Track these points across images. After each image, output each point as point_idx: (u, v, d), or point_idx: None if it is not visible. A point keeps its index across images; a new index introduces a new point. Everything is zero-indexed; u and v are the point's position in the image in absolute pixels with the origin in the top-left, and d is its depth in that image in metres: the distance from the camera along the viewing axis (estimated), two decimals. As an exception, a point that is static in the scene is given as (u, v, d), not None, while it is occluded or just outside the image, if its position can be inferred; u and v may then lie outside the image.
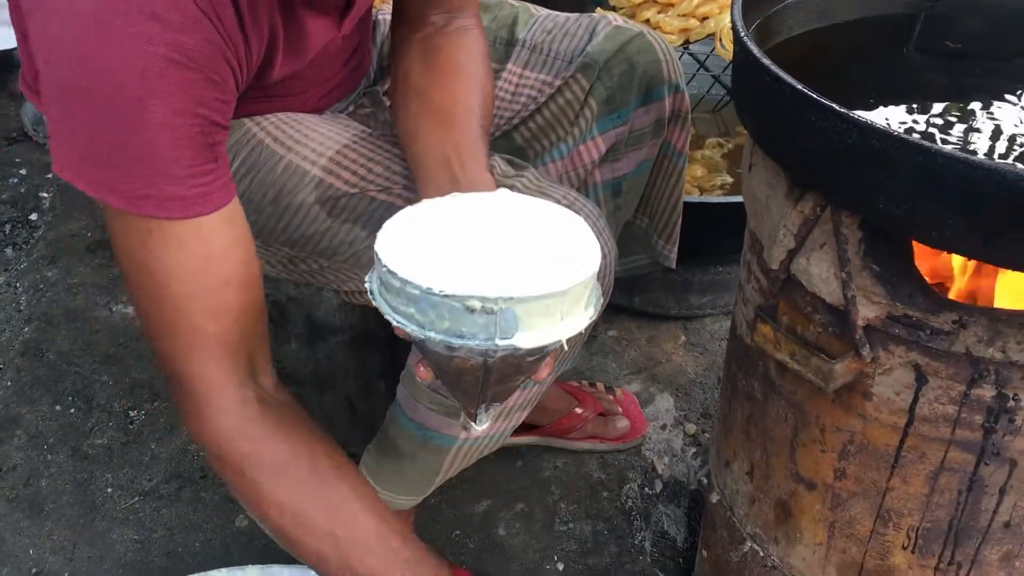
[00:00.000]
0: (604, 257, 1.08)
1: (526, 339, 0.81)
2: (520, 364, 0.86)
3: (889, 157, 0.80)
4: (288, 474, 0.96)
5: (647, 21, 1.79)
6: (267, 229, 1.12)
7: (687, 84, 2.06)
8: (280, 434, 0.97)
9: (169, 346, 0.93)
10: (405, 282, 0.80)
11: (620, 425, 1.59)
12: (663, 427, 1.65)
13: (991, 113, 1.03)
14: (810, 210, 0.95)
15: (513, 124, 1.32)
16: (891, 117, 1.01)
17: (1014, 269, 0.92)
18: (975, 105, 1.04)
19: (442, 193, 0.99)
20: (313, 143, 1.11)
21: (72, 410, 1.70)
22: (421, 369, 0.92)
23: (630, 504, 1.51)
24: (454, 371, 0.86)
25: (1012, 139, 0.98)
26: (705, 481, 1.32)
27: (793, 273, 1.00)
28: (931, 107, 1.03)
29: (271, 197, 1.10)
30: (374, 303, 0.85)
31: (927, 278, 1.00)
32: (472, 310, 0.79)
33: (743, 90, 1.00)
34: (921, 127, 1.00)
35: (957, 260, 1.01)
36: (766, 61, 0.90)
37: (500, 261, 0.83)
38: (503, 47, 1.32)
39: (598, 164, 1.34)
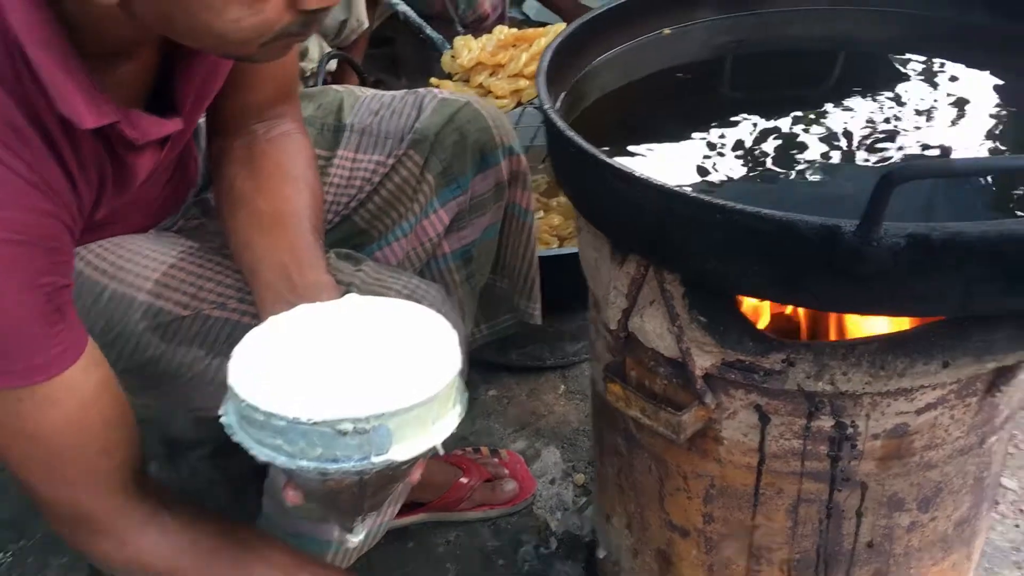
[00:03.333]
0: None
1: (402, 451, 0.80)
2: (395, 474, 0.84)
3: (691, 218, 0.83)
4: (219, 557, 1.01)
5: (480, 85, 1.82)
6: None
7: (534, 136, 2.11)
8: (197, 524, 1.00)
9: (68, 494, 0.93)
10: (269, 415, 0.78)
11: (508, 488, 1.58)
12: (552, 481, 1.65)
13: (801, 142, 1.07)
14: (635, 270, 0.97)
15: (352, 208, 1.31)
16: (710, 161, 1.04)
17: (817, 309, 0.96)
18: (790, 132, 1.08)
19: (282, 302, 0.97)
20: (137, 267, 1.08)
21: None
22: (291, 493, 0.88)
23: (527, 567, 1.50)
24: (329, 492, 0.84)
25: (830, 168, 1.03)
26: (590, 539, 1.32)
27: (631, 331, 1.02)
28: (745, 142, 1.07)
29: (99, 328, 1.06)
30: (234, 438, 0.82)
31: (787, 315, 1.03)
32: (344, 433, 0.77)
33: (556, 160, 1.02)
34: (736, 168, 1.03)
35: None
36: (570, 134, 0.92)
37: (364, 375, 0.81)
38: (331, 134, 1.31)
39: (444, 236, 1.34)
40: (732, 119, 1.11)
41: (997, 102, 1.11)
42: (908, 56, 1.23)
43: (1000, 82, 1.15)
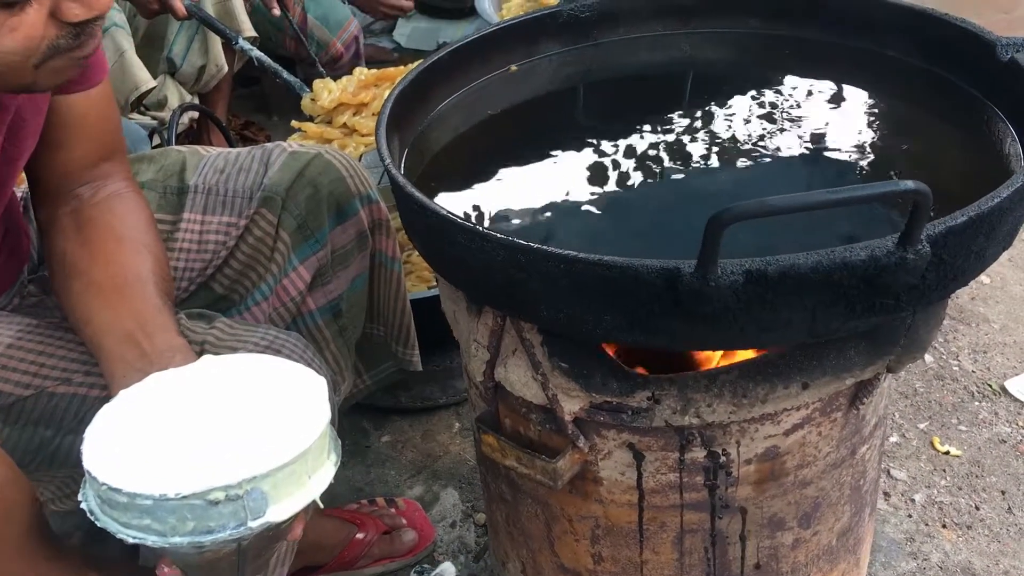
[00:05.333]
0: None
1: (279, 511, 0.77)
2: (276, 534, 0.81)
3: (537, 270, 0.81)
4: None
5: (344, 125, 1.78)
6: None
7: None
8: None
9: None
10: (132, 495, 0.74)
11: (407, 538, 1.54)
12: (452, 524, 1.62)
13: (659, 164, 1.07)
14: (493, 321, 0.95)
15: (208, 275, 1.26)
16: (569, 192, 1.03)
17: (672, 349, 0.96)
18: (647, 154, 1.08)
19: (134, 372, 0.93)
20: None
21: None
22: (166, 570, 0.83)
23: (434, 617, 1.46)
24: (206, 564, 0.80)
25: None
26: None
27: (498, 381, 1.00)
28: (603, 167, 1.06)
29: None
30: (98, 524, 0.78)
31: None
32: (216, 502, 0.74)
33: (404, 215, 0.99)
34: (595, 195, 1.02)
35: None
36: (411, 190, 0.90)
37: (229, 439, 0.78)
38: (174, 196, 1.25)
39: (308, 292, 1.30)
40: (587, 146, 1.11)
41: (834, 109, 1.14)
42: (750, 73, 1.25)
43: (834, 90, 1.18)
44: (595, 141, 1.12)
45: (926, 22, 1.10)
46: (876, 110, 1.15)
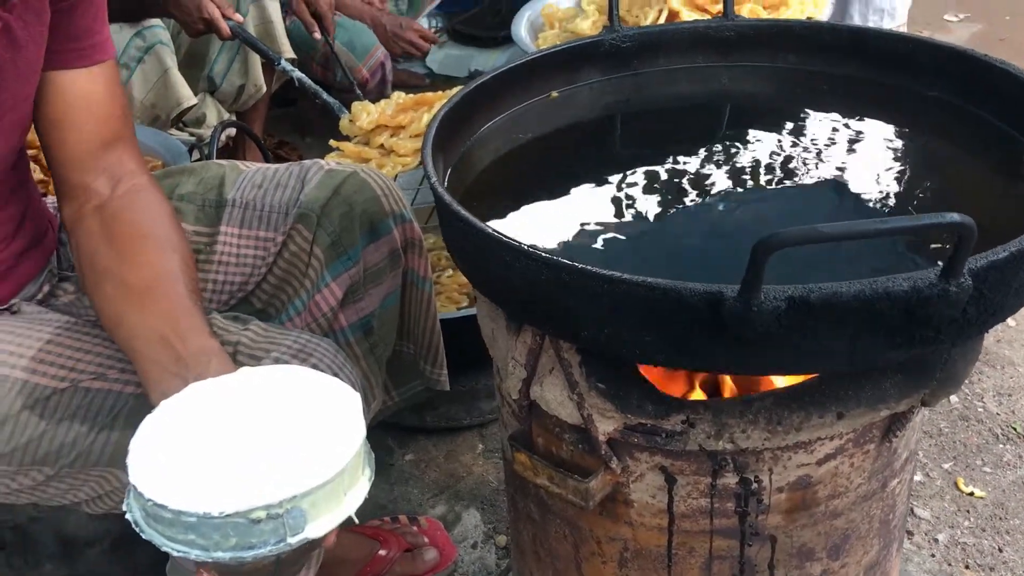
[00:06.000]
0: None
1: (317, 528, 0.79)
2: (312, 545, 0.82)
3: (579, 289, 0.83)
4: None
5: (381, 146, 1.81)
6: None
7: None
8: None
9: None
10: (178, 512, 0.76)
11: (429, 557, 1.54)
12: (474, 545, 1.62)
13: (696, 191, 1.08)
14: (531, 340, 0.97)
15: (248, 289, 1.28)
16: (607, 216, 1.05)
17: (711, 372, 0.96)
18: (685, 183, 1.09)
19: (168, 376, 0.94)
20: (8, 346, 1.04)
21: None
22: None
23: (453, 638, 1.47)
24: (244, 574, 0.82)
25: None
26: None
27: (533, 399, 1.01)
28: (641, 193, 1.08)
29: None
30: (143, 536, 0.79)
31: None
32: (258, 521, 0.76)
33: (446, 233, 1.01)
34: (633, 220, 1.03)
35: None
36: (456, 207, 0.92)
37: (269, 456, 0.80)
38: (212, 210, 1.28)
39: (341, 308, 1.31)
40: (625, 173, 1.13)
41: (876, 145, 1.15)
42: (787, 107, 1.26)
43: (871, 126, 1.19)
44: (633, 168, 1.14)
45: (966, 62, 1.12)
46: (913, 146, 1.16)
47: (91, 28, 1.12)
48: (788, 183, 1.10)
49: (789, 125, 1.21)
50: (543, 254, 0.84)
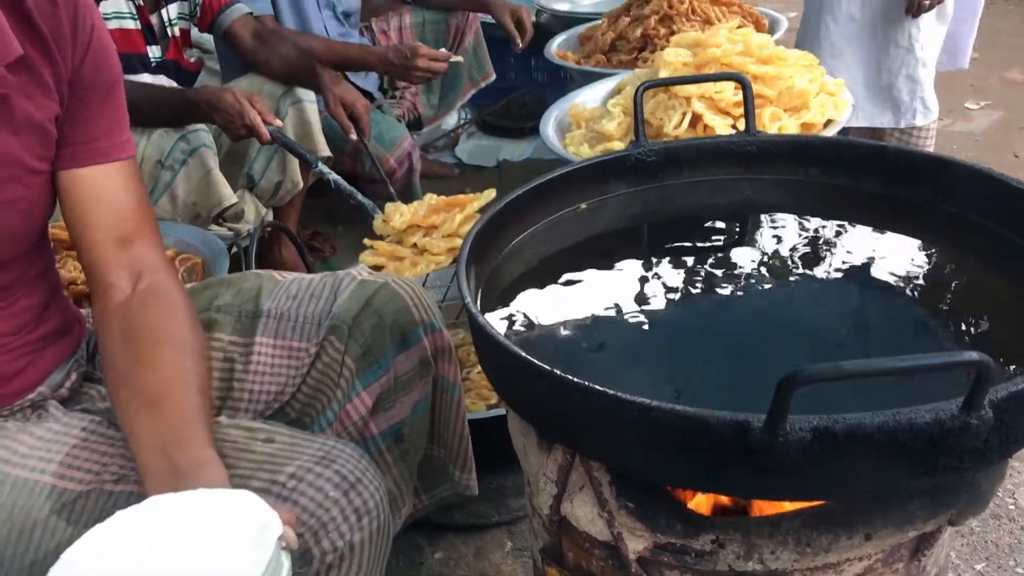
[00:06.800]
0: (373, 496, 1.09)
1: None
2: None
3: (609, 413, 0.85)
4: None
5: (414, 245, 1.86)
6: (2, 559, 1.06)
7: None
8: None
9: None
10: None
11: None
12: (503, 647, 1.62)
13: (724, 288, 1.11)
14: (562, 458, 0.99)
15: (284, 399, 1.31)
16: (640, 328, 1.08)
17: (738, 497, 0.98)
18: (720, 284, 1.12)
19: (164, 487, 0.95)
20: (39, 451, 1.07)
21: None
22: None
23: None
24: None
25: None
26: None
27: (564, 515, 1.03)
28: (673, 304, 1.11)
29: (2, 519, 1.04)
30: None
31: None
32: None
33: (480, 351, 1.04)
34: (667, 332, 1.06)
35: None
36: (491, 330, 0.95)
37: None
38: (248, 320, 1.31)
39: (371, 416, 1.33)
40: (651, 282, 1.16)
41: (897, 262, 1.18)
42: (809, 218, 1.30)
43: (896, 242, 1.22)
44: (659, 277, 1.18)
45: (989, 182, 1.15)
46: (935, 264, 1.19)
47: (110, 130, 1.16)
48: (807, 298, 1.13)
49: (810, 236, 1.25)
50: (574, 380, 0.87)
